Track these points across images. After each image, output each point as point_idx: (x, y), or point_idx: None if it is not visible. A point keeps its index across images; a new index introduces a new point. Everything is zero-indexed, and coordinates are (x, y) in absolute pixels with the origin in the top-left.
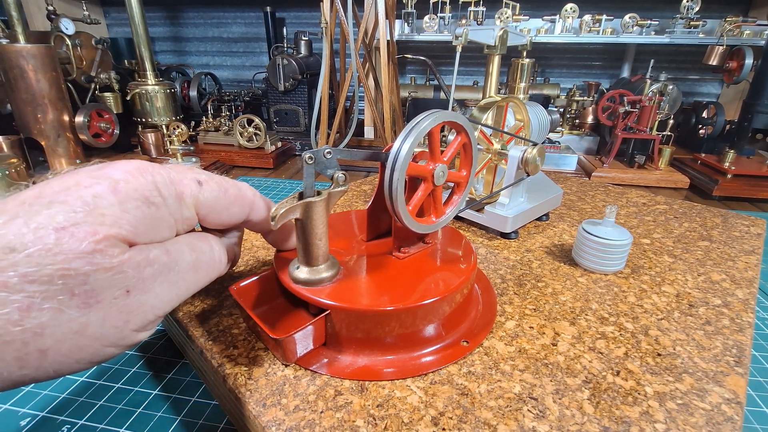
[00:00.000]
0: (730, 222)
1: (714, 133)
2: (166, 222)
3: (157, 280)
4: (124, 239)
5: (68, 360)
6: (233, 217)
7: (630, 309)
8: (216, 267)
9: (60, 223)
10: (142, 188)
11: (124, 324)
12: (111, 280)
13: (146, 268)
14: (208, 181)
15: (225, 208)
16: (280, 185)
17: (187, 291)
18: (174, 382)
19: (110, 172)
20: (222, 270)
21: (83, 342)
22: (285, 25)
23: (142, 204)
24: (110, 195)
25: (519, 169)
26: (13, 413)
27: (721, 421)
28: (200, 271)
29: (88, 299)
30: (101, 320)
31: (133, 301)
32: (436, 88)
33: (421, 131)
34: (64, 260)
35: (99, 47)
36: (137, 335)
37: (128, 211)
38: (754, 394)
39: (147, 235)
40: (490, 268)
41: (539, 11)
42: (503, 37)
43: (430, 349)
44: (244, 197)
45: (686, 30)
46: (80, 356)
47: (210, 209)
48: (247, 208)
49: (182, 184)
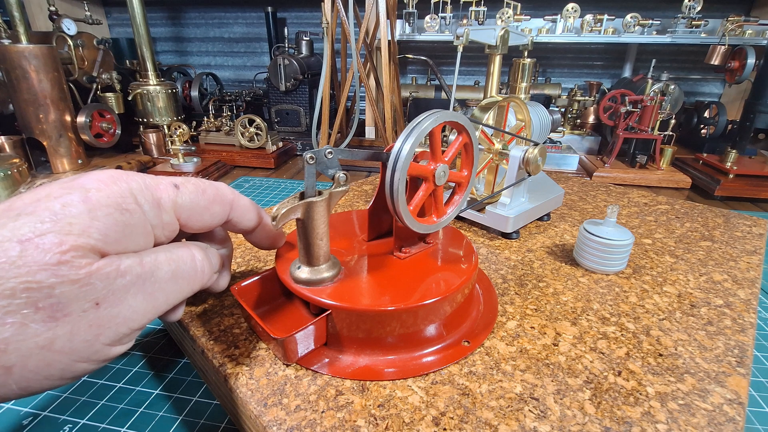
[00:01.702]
0: (732, 222)
1: (716, 133)
2: (141, 229)
3: (130, 291)
4: (94, 249)
5: (36, 377)
6: (215, 217)
7: (631, 309)
8: (199, 277)
9: (25, 235)
10: (115, 195)
11: (95, 338)
12: (79, 293)
13: (117, 280)
14: (184, 183)
15: (205, 209)
16: (282, 185)
17: (167, 303)
18: (175, 381)
19: (83, 182)
20: (206, 280)
21: (51, 357)
22: (286, 26)
23: (114, 211)
24: (80, 204)
25: (520, 169)
26: (15, 412)
27: (723, 422)
28: (180, 281)
29: (54, 313)
30: (69, 334)
31: (104, 314)
32: (437, 88)
33: (422, 131)
34: (28, 272)
35: (101, 47)
36: (111, 349)
37: (98, 219)
38: (756, 394)
39: (120, 244)
40: (492, 268)
41: (540, 11)
42: (504, 36)
43: (431, 349)
44: (224, 196)
45: (688, 30)
46: (49, 372)
47: (191, 211)
48: (227, 206)
49: (159, 189)
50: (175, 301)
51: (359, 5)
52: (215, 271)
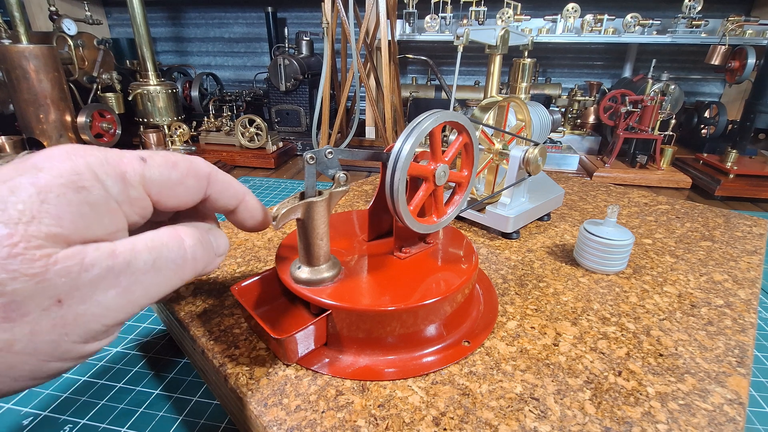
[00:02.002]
0: (732, 222)
1: (716, 133)
2: (105, 208)
3: (100, 286)
4: (52, 237)
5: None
6: (191, 192)
7: (632, 309)
8: (189, 266)
9: None
10: (68, 173)
11: (61, 337)
12: (36, 290)
13: (82, 274)
14: (152, 156)
15: (179, 182)
16: (282, 185)
17: (148, 296)
18: (175, 381)
19: (35, 161)
20: (200, 268)
21: (13, 360)
22: (286, 26)
23: (68, 191)
24: (30, 187)
25: (520, 169)
26: (16, 412)
27: (724, 422)
28: (164, 272)
29: (8, 313)
30: (30, 335)
31: (69, 312)
32: (437, 88)
33: (422, 131)
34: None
35: (101, 48)
36: (85, 347)
37: (49, 202)
38: (757, 394)
39: (83, 228)
40: (492, 268)
41: (541, 11)
42: (505, 36)
43: (432, 349)
44: (198, 168)
45: (688, 29)
46: (16, 374)
47: (162, 186)
48: (204, 180)
49: (123, 163)
50: (159, 294)
51: (359, 5)
52: (219, 254)
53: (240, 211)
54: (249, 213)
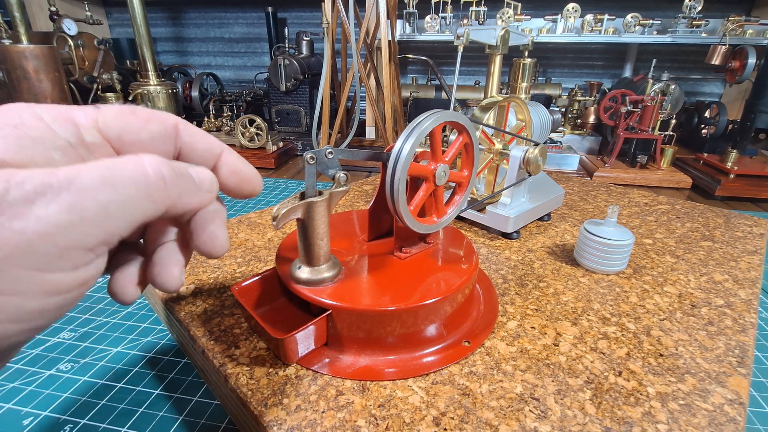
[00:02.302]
0: (732, 222)
1: (716, 132)
2: (53, 144)
3: (37, 201)
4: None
5: None
6: (156, 138)
7: (632, 309)
8: (157, 186)
9: None
10: (10, 116)
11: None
12: None
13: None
14: (109, 105)
15: (140, 128)
16: (282, 185)
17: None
18: (176, 381)
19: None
20: (174, 193)
21: None
22: (286, 26)
23: (6, 126)
24: None
25: (520, 169)
26: (16, 413)
27: (724, 422)
28: (123, 189)
29: None
30: None
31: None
32: (437, 88)
33: (422, 131)
34: None
35: (101, 48)
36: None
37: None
38: (757, 394)
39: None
40: (492, 268)
41: (541, 11)
42: (505, 36)
43: (432, 350)
44: (162, 115)
45: (688, 29)
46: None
47: (121, 131)
48: (171, 129)
49: (73, 110)
50: (125, 215)
51: (359, 5)
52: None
53: (220, 167)
54: (231, 169)
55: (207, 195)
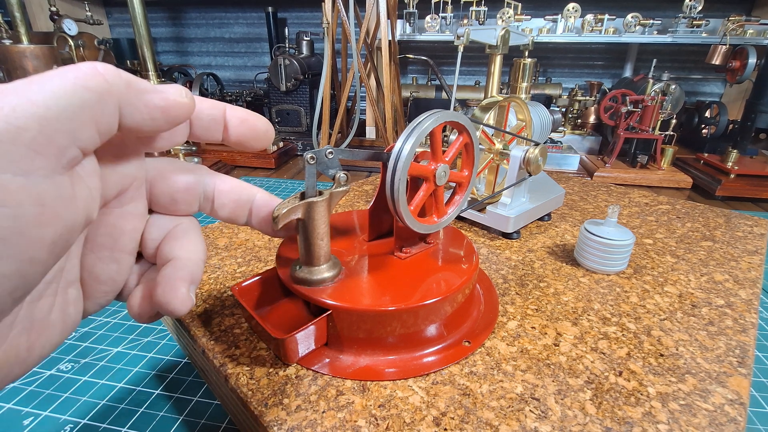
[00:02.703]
0: (733, 222)
1: (717, 132)
2: None
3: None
4: None
5: None
6: None
7: (632, 309)
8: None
9: None
10: None
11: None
12: None
13: None
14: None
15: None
16: (282, 185)
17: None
18: (176, 381)
19: None
20: (113, 82)
21: None
22: (287, 26)
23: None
24: None
25: (521, 169)
26: (17, 412)
27: (724, 422)
28: (48, 82)
29: None
30: None
31: None
32: (437, 88)
33: (422, 131)
34: None
35: (101, 48)
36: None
37: None
38: (758, 395)
39: None
40: (492, 268)
41: (541, 11)
42: (505, 36)
43: (432, 350)
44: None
45: (689, 29)
46: None
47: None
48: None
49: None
50: (55, 105)
51: (360, 5)
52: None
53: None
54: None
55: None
